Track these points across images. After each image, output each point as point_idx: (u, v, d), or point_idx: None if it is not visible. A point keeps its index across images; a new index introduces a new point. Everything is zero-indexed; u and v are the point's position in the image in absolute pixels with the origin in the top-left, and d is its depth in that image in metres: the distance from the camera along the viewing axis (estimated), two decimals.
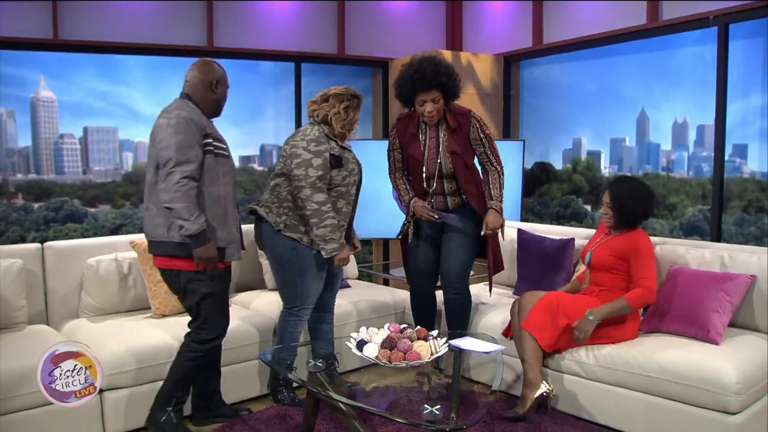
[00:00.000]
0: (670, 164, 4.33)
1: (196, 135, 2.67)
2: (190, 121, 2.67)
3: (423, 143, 3.27)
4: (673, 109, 4.27)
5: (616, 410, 2.95)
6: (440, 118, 3.22)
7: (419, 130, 3.29)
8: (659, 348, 2.93)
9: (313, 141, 3.00)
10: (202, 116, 2.76)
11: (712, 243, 3.54)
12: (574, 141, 4.89)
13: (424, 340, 2.68)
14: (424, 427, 2.29)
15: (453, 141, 3.21)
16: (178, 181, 2.59)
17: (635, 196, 3.09)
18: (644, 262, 3.05)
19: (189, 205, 2.60)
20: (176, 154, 2.60)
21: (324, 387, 2.53)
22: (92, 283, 3.38)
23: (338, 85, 3.17)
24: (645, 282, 3.02)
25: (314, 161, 2.97)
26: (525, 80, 5.25)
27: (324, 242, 3.00)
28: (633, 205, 3.09)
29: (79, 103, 4.26)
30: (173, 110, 2.70)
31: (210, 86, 2.80)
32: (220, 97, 2.85)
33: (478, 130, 3.23)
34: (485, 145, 3.27)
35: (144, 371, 2.98)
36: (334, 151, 3.06)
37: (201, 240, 2.64)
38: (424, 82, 3.09)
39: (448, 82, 3.13)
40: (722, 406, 2.64)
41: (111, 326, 3.25)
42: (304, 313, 3.18)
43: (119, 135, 4.44)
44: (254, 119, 4.98)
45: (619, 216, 3.12)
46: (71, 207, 4.26)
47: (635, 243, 3.09)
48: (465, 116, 3.23)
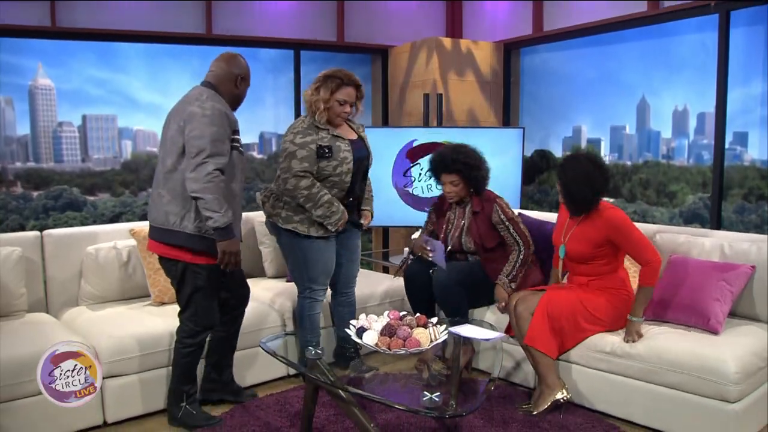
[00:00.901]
0: (671, 152, 4.30)
1: (227, 129, 2.68)
2: (223, 115, 2.67)
3: (451, 222, 3.52)
4: (673, 97, 4.24)
5: (616, 398, 2.95)
6: (468, 202, 3.46)
7: (450, 209, 3.55)
8: (659, 337, 2.93)
9: (299, 133, 3.05)
10: (230, 110, 2.76)
11: (713, 231, 3.52)
12: (574, 129, 4.87)
13: (424, 327, 2.68)
14: (424, 414, 2.30)
15: (475, 224, 3.41)
16: (210, 172, 2.57)
17: (581, 179, 2.97)
18: (631, 238, 2.95)
19: (219, 198, 2.59)
20: (210, 146, 2.59)
21: (323, 374, 2.53)
22: (92, 271, 3.37)
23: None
24: (646, 256, 2.92)
25: (299, 153, 3.01)
26: (525, 68, 5.22)
27: (327, 218, 3.07)
28: (580, 189, 2.98)
29: (77, 90, 4.23)
30: (207, 101, 2.67)
31: (235, 81, 2.80)
32: (242, 93, 2.85)
33: (500, 213, 3.40)
34: (509, 228, 3.40)
35: (144, 359, 2.98)
36: (323, 142, 3.06)
37: (227, 233, 2.63)
38: (443, 165, 3.38)
39: (465, 170, 3.34)
40: (721, 395, 2.64)
41: (110, 314, 3.25)
42: (317, 295, 3.23)
43: (118, 123, 4.41)
44: (253, 107, 4.95)
45: (571, 203, 3.04)
46: (70, 195, 4.24)
47: (611, 223, 2.97)
48: (489, 201, 3.44)
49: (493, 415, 2.99)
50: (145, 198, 4.49)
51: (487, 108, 5.17)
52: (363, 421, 2.44)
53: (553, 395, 2.97)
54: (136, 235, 3.41)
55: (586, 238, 3.05)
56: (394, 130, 4.84)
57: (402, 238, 5.19)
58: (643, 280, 2.95)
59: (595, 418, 2.97)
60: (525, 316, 3.03)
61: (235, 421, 2.95)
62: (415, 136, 4.64)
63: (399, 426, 2.87)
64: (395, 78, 5.36)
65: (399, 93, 5.31)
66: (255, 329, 3.31)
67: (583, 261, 3.09)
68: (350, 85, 3.11)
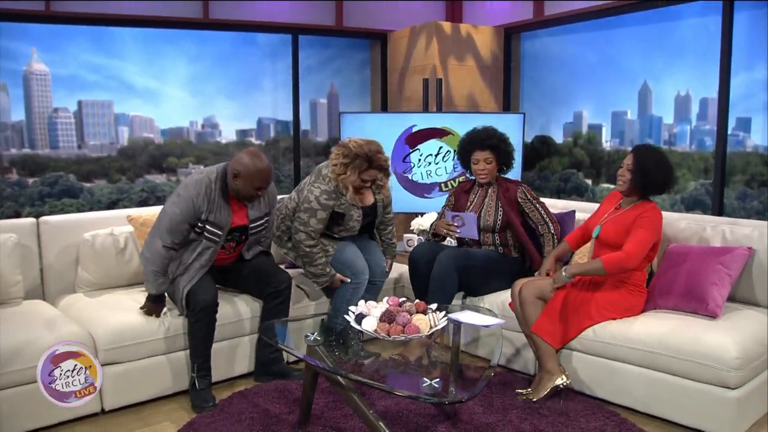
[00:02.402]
0: (672, 138, 4.29)
1: (191, 217, 2.98)
2: (190, 201, 2.97)
3: (471, 201, 3.60)
4: (675, 82, 4.21)
5: (616, 385, 2.96)
6: (493, 184, 3.56)
7: (472, 189, 3.65)
8: (659, 323, 2.92)
9: (326, 193, 3.31)
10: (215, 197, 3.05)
11: (713, 217, 3.52)
12: (575, 114, 4.84)
13: (423, 313, 2.67)
14: (423, 400, 2.29)
15: (504, 200, 3.50)
16: (158, 249, 2.98)
17: (660, 165, 3.00)
18: (640, 228, 2.96)
19: (157, 272, 2.99)
20: (164, 225, 2.99)
21: (322, 360, 2.53)
22: (88, 257, 3.36)
23: (359, 139, 3.35)
24: (628, 246, 2.93)
25: (319, 214, 3.30)
26: (525, 52, 5.18)
27: (316, 278, 3.39)
28: (656, 173, 2.98)
29: (73, 76, 4.19)
30: (193, 178, 3.01)
31: (232, 175, 2.98)
32: (239, 188, 2.99)
33: (526, 193, 3.50)
34: (536, 205, 3.50)
35: (141, 346, 2.98)
36: (340, 209, 3.35)
37: (154, 299, 3.05)
38: (478, 141, 3.49)
39: (500, 145, 3.48)
40: (722, 381, 2.64)
41: (107, 301, 3.24)
42: (358, 279, 3.39)
43: (114, 109, 4.38)
44: (251, 92, 4.93)
45: (639, 181, 2.99)
46: (66, 182, 4.22)
47: (642, 213, 3.00)
48: (513, 184, 3.56)
49: (492, 401, 3.00)
50: (141, 184, 4.47)
51: (487, 93, 5.14)
52: (362, 407, 2.44)
53: (552, 381, 2.97)
54: (134, 221, 3.39)
55: (620, 223, 3.05)
56: (393, 116, 4.81)
57: (401, 224, 5.17)
58: (607, 258, 2.94)
59: (595, 405, 2.98)
60: (530, 300, 3.04)
61: (234, 408, 2.96)
62: (415, 122, 4.62)
63: (398, 412, 2.88)
64: (394, 63, 5.33)
65: (398, 78, 5.28)
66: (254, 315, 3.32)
67: (611, 246, 3.04)
68: (376, 168, 3.33)
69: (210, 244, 3.03)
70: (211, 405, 2.97)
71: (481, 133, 3.52)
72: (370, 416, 2.42)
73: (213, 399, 3.00)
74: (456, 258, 3.39)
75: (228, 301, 3.25)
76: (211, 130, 4.81)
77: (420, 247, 3.61)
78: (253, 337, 3.33)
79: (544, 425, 2.77)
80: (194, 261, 3.02)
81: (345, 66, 5.39)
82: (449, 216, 3.57)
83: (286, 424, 2.80)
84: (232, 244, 3.17)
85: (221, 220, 3.00)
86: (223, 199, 3.00)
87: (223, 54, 4.77)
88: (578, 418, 2.84)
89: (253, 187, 2.98)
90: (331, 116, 5.32)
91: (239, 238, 3.17)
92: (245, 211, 3.12)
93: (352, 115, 4.77)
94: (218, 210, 2.98)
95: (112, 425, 2.87)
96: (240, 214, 3.10)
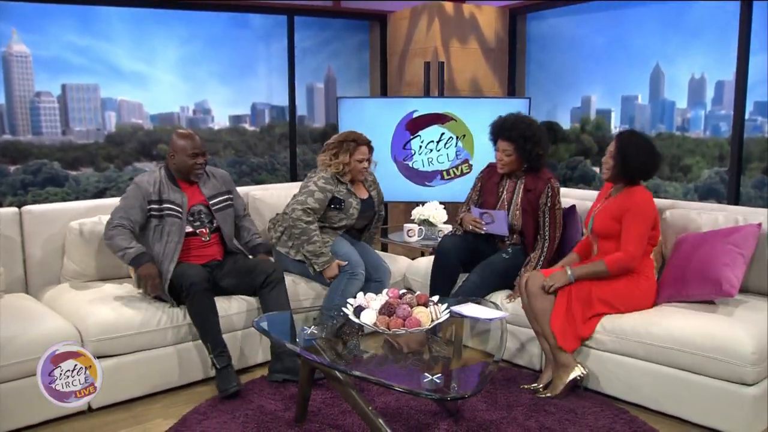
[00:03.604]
0: (686, 123, 4.25)
1: (140, 200, 3.21)
2: (137, 188, 3.22)
3: (499, 195, 3.55)
4: (690, 64, 4.17)
5: (626, 381, 2.94)
6: (521, 177, 3.50)
7: (501, 181, 3.58)
8: (670, 316, 2.91)
9: (323, 179, 3.56)
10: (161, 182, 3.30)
11: (726, 206, 3.50)
12: (583, 99, 4.80)
13: (424, 306, 2.65)
14: (424, 396, 2.28)
15: (526, 200, 3.45)
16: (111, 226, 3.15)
17: (642, 150, 3.02)
18: (633, 223, 2.98)
19: (115, 242, 3.13)
20: (114, 212, 3.20)
21: (319, 354, 2.51)
22: (75, 246, 3.35)
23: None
24: (627, 246, 2.98)
25: (317, 194, 3.50)
26: (531, 34, 5.14)
27: (315, 257, 3.46)
28: (636, 158, 3.00)
29: (56, 58, 4.14)
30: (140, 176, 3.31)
31: (171, 156, 3.26)
32: (180, 164, 3.25)
33: (548, 195, 3.42)
34: (546, 210, 3.43)
35: (131, 339, 2.97)
36: (340, 195, 3.57)
37: (139, 261, 3.12)
38: (501, 129, 3.45)
39: (518, 140, 3.39)
40: (737, 377, 2.63)
41: (95, 293, 3.23)
42: (353, 269, 3.47)
43: (101, 93, 4.33)
44: (244, 77, 4.88)
45: (620, 167, 3.03)
46: (50, 170, 4.19)
47: (630, 201, 3.02)
48: (543, 181, 3.45)
49: (496, 398, 2.99)
50: (130, 172, 4.44)
51: (491, 77, 5.11)
52: (361, 404, 2.43)
53: (568, 374, 2.96)
54: None
55: (610, 210, 3.07)
56: (393, 101, 4.78)
57: (401, 213, 5.15)
58: (609, 260, 2.99)
59: (603, 402, 2.97)
60: (537, 292, 3.03)
61: (228, 404, 2.94)
62: (416, 107, 4.58)
63: (399, 409, 2.86)
64: (394, 45, 5.29)
65: (398, 61, 5.25)
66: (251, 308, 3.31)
67: (605, 236, 3.08)
68: (364, 144, 3.64)
69: (174, 220, 3.20)
70: (235, 386, 2.99)
71: (506, 122, 3.46)
72: (369, 413, 2.41)
73: (237, 380, 3.02)
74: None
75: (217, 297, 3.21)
76: (203, 115, 4.78)
77: (449, 240, 3.60)
78: (246, 332, 3.31)
79: (551, 422, 2.76)
80: (167, 244, 3.17)
81: (343, 49, 5.35)
82: (476, 213, 3.55)
83: (282, 421, 2.79)
84: (205, 230, 3.31)
85: (176, 199, 3.23)
86: (173, 184, 3.26)
87: (216, 36, 4.72)
88: (586, 416, 2.83)
89: (188, 156, 3.22)
90: (329, 101, 5.29)
91: (207, 220, 3.33)
92: (198, 190, 3.33)
93: (351, 100, 4.73)
94: (170, 192, 3.23)
95: (101, 423, 2.85)
96: (195, 195, 3.32)
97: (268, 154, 5.06)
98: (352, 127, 3.84)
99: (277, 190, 4.16)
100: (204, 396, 3.05)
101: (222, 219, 3.37)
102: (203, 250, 3.32)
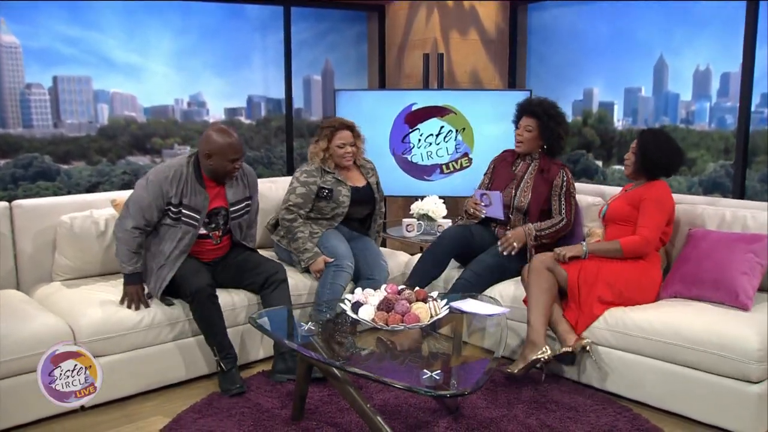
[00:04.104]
0: (690, 116, 4.25)
1: (159, 200, 3.08)
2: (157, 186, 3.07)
3: (512, 175, 3.62)
4: (694, 56, 4.16)
5: (628, 378, 2.94)
6: (535, 160, 3.59)
7: (515, 161, 3.67)
8: (675, 311, 2.91)
9: (305, 173, 3.62)
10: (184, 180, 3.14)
11: (734, 201, 3.49)
12: (585, 92, 4.80)
13: (423, 301, 2.65)
14: (423, 393, 2.27)
15: (540, 178, 3.52)
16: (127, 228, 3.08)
17: (663, 147, 3.15)
18: (651, 211, 3.09)
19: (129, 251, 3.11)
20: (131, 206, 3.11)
21: (316, 351, 2.50)
22: (67, 242, 3.33)
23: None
24: (643, 230, 3.08)
25: (298, 189, 3.57)
26: (532, 25, 5.12)
27: (300, 253, 3.53)
28: (656, 154, 3.14)
29: (46, 49, 4.12)
30: (165, 165, 3.14)
31: (205, 156, 3.08)
32: (216, 167, 3.08)
33: (563, 178, 3.51)
34: (562, 193, 3.50)
35: (125, 338, 2.96)
36: (327, 185, 3.59)
37: (130, 279, 3.11)
38: (526, 106, 3.58)
39: (542, 117, 3.49)
40: (743, 375, 2.62)
41: (88, 290, 3.23)
42: (342, 266, 3.46)
43: (93, 85, 4.31)
44: (240, 69, 4.86)
45: (640, 162, 3.17)
46: (41, 164, 4.16)
47: (651, 191, 3.14)
48: (557, 165, 3.56)
49: (497, 395, 2.98)
50: (123, 166, 4.42)
51: (491, 69, 5.10)
52: (359, 401, 2.42)
53: (534, 352, 2.99)
54: (118, 206, 3.35)
55: (628, 198, 3.20)
56: (391, 93, 4.77)
57: (400, 208, 5.14)
58: (626, 242, 3.08)
59: (605, 399, 2.96)
60: (539, 269, 3.10)
61: (224, 402, 2.94)
62: (414, 100, 4.57)
63: (397, 406, 2.86)
64: (393, 37, 5.27)
65: (397, 53, 5.23)
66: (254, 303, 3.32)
67: (619, 219, 3.19)
68: (343, 128, 3.62)
69: (189, 228, 3.09)
70: (238, 387, 3.00)
71: (532, 100, 3.62)
72: (367, 410, 2.40)
73: (241, 381, 3.04)
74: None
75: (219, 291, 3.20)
76: (198, 108, 4.75)
77: (450, 229, 3.68)
78: (248, 327, 3.30)
79: (552, 420, 2.76)
80: (174, 249, 3.08)
81: (340, 40, 5.33)
82: (478, 194, 3.61)
83: (278, 419, 2.78)
84: (218, 233, 3.22)
85: (197, 204, 3.09)
86: (198, 183, 3.10)
87: (211, 27, 4.69)
88: (588, 414, 2.82)
89: (227, 161, 3.07)
90: (326, 94, 5.26)
91: (222, 223, 3.22)
92: (223, 193, 3.20)
93: (348, 92, 4.72)
94: (193, 194, 3.08)
95: (92, 423, 2.84)
96: (219, 197, 3.19)
97: (264, 148, 5.05)
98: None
99: (275, 183, 4.17)
100: (200, 394, 3.05)
101: (235, 225, 3.30)
102: (211, 252, 3.28)
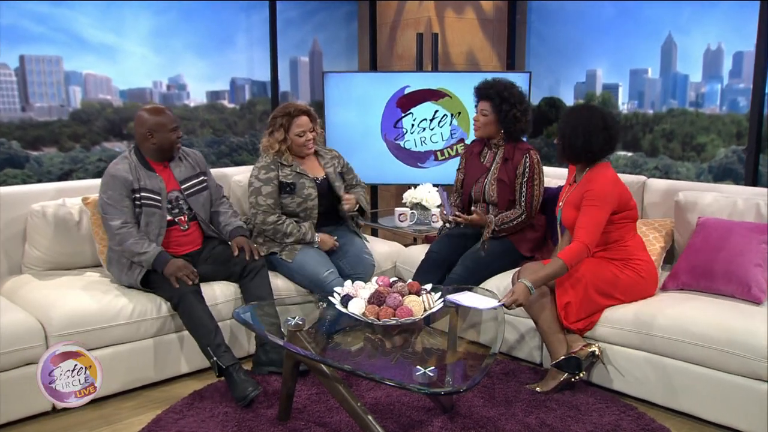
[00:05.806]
0: (700, 98, 4.26)
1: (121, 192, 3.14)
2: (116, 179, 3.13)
3: (480, 166, 3.62)
4: (705, 34, 4.17)
5: (632, 375, 2.95)
6: (501, 147, 3.56)
7: (482, 152, 3.66)
8: (680, 306, 2.92)
9: (263, 168, 3.53)
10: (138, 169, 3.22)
11: (745, 188, 3.49)
12: (588, 73, 4.81)
13: (417, 294, 2.65)
14: (416, 391, 2.27)
15: (503, 170, 3.51)
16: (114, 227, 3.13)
17: (582, 127, 2.95)
18: (587, 209, 2.92)
19: (133, 242, 3.14)
20: (103, 209, 3.17)
21: (304, 346, 2.50)
22: (38, 231, 3.32)
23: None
24: (580, 234, 2.89)
25: (263, 189, 3.50)
26: (532, 3, 5.13)
27: (302, 240, 3.51)
28: (576, 136, 2.96)
29: (12, 27, 4.07)
30: (111, 165, 3.18)
31: (147, 137, 3.18)
32: (161, 142, 3.19)
33: (525, 165, 3.47)
34: (524, 181, 3.47)
35: (100, 333, 2.95)
36: (287, 179, 3.52)
37: (160, 263, 3.13)
38: (480, 89, 3.53)
39: (495, 98, 3.45)
40: (752, 372, 2.63)
41: (61, 283, 3.21)
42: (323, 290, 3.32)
43: (64, 66, 4.28)
44: (223, 50, 4.84)
45: (562, 146, 3.04)
46: (9, 150, 4.13)
47: (588, 186, 2.97)
48: (522, 151, 3.50)
49: (494, 393, 2.99)
50: (99, 153, 4.40)
51: (488, 50, 5.10)
52: (349, 399, 2.42)
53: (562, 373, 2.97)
54: (90, 204, 3.34)
55: (573, 201, 3.05)
56: (383, 75, 4.76)
57: (392, 197, 5.14)
58: (564, 254, 2.87)
59: (609, 397, 2.98)
60: (536, 300, 2.98)
61: (206, 402, 2.93)
62: (408, 82, 4.57)
63: (389, 405, 2.87)
64: (385, 16, 5.26)
65: (389, 33, 5.22)
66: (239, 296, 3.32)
67: (573, 227, 3.01)
68: (299, 114, 3.53)
69: (153, 210, 3.16)
70: (252, 390, 2.85)
71: (487, 82, 3.53)
72: (357, 409, 2.40)
73: (253, 382, 2.89)
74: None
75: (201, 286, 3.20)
76: (178, 91, 4.73)
77: (444, 241, 3.66)
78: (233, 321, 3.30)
79: (552, 419, 2.77)
80: (147, 236, 3.14)
81: (329, 20, 5.32)
82: (444, 197, 3.66)
83: (264, 419, 2.78)
84: (184, 218, 3.29)
85: (154, 186, 3.19)
86: (147, 169, 3.21)
87: (191, 5, 4.67)
88: (590, 412, 2.83)
89: (169, 131, 3.19)
90: (314, 76, 5.26)
91: (186, 207, 3.31)
92: (173, 177, 3.28)
93: (338, 74, 4.70)
94: (147, 178, 3.18)
95: (66, 425, 2.83)
96: (170, 181, 3.27)
97: (248, 133, 5.03)
98: (339, 105, 3.83)
99: None
100: (181, 393, 3.04)
101: (196, 204, 3.34)
102: (183, 239, 3.30)
